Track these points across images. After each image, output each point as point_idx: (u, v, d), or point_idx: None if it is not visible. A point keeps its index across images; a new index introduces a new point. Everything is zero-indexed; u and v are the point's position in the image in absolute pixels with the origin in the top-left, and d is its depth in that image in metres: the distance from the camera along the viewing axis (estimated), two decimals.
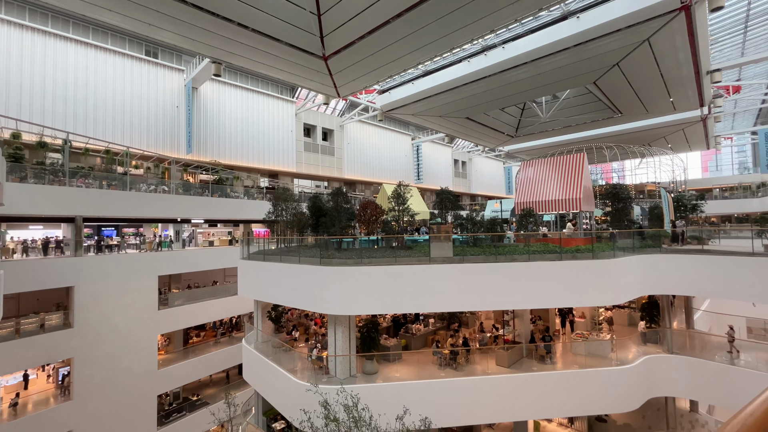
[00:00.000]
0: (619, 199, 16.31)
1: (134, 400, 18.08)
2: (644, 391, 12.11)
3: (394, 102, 25.24)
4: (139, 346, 18.42)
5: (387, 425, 8.08)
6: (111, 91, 22.26)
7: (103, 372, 17.13)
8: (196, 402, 21.43)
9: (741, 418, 0.63)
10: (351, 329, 11.72)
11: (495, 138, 35.66)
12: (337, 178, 36.30)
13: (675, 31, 15.43)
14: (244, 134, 28.77)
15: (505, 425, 14.04)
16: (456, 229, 14.81)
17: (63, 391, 16.79)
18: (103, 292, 17.32)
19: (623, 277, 11.79)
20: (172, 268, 20.65)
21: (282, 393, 12.12)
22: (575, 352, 12.96)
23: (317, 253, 11.93)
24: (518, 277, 10.93)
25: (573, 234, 14.85)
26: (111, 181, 19.18)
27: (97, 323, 17.04)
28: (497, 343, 13.56)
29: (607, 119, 29.69)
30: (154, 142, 24.03)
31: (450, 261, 11.13)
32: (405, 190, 14.14)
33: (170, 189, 21.71)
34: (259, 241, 17.82)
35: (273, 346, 14.21)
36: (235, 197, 24.93)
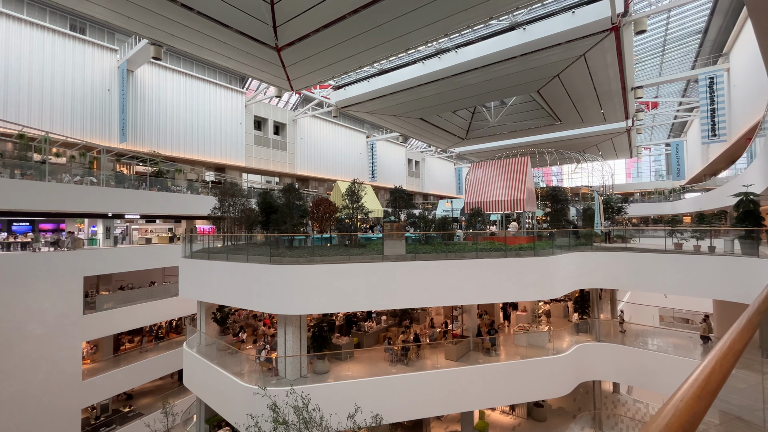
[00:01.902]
0: (557, 201, 17.65)
1: (53, 416, 16.12)
2: (576, 377, 13.25)
3: (349, 99, 25.07)
4: (59, 356, 16.43)
5: (338, 424, 8.02)
6: (26, 68, 19.60)
7: (13, 387, 15.04)
8: (128, 413, 19.63)
9: (673, 404, 0.68)
10: (302, 329, 11.46)
11: (447, 139, 36.88)
12: (289, 173, 35.27)
13: (606, 50, 17.01)
14: (187, 124, 26.86)
15: (452, 416, 14.60)
16: (409, 227, 15.07)
17: None
18: (15, 295, 15.21)
19: (561, 273, 12.77)
20: (101, 268, 18.67)
21: (227, 398, 11.54)
22: (517, 344, 13.82)
23: (267, 252, 11.49)
24: (467, 273, 11.38)
25: (517, 233, 15.80)
26: (25, 170, 16.86)
27: (5, 331, 14.93)
28: (446, 337, 14.04)
29: (548, 126, 32.02)
30: (81, 129, 21.60)
31: (403, 258, 11.29)
32: (359, 188, 14.09)
33: (100, 181, 19.62)
34: (203, 238, 16.75)
35: (218, 349, 13.46)
36: (177, 191, 23.18)
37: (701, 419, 0.70)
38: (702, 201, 29.92)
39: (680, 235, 13.62)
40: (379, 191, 45.54)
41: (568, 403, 15.95)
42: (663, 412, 0.67)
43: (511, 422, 14.69)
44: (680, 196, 37.63)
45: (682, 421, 0.65)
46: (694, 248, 12.97)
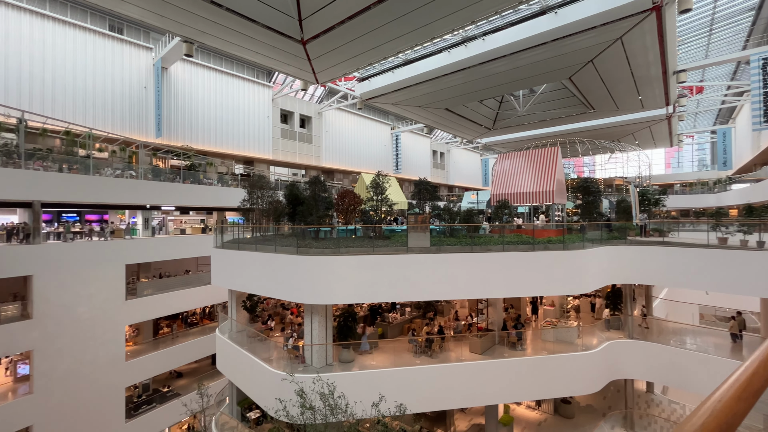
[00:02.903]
0: (589, 193, 16.95)
1: (100, 392, 17.43)
2: (606, 374, 12.83)
3: (374, 90, 24.98)
4: (104, 338, 17.68)
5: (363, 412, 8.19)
6: (71, 68, 20.82)
7: (65, 365, 16.36)
8: (167, 393, 20.91)
9: (710, 404, 0.65)
10: (328, 318, 11.71)
11: (473, 130, 36.09)
12: (315, 166, 35.76)
13: (646, 32, 15.97)
14: (218, 119, 27.74)
15: (476, 409, 14.55)
16: (433, 219, 14.98)
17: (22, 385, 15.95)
18: (65, 281, 16.43)
19: (591, 267, 12.32)
20: (141, 256, 19.82)
21: (257, 383, 12.02)
22: (544, 339, 13.52)
23: (294, 243, 11.77)
24: (493, 266, 11.21)
25: (545, 225, 15.35)
26: (72, 164, 18.05)
27: (58, 314, 16.19)
28: (471, 331, 13.94)
29: (580, 115, 30.63)
30: (120, 125, 22.78)
31: (427, 251, 11.25)
32: (384, 179, 14.10)
33: (138, 174, 20.69)
34: (233, 229, 17.37)
35: (248, 336, 14.01)
36: (209, 184, 24.10)
37: (740, 422, 0.67)
38: (752, 192, 27.82)
39: (725, 229, 12.76)
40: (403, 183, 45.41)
41: (598, 400, 15.50)
42: (699, 411, 0.64)
43: (537, 417, 14.47)
44: (726, 187, 35.13)
45: (720, 422, 0.62)
46: (741, 243, 12.13)
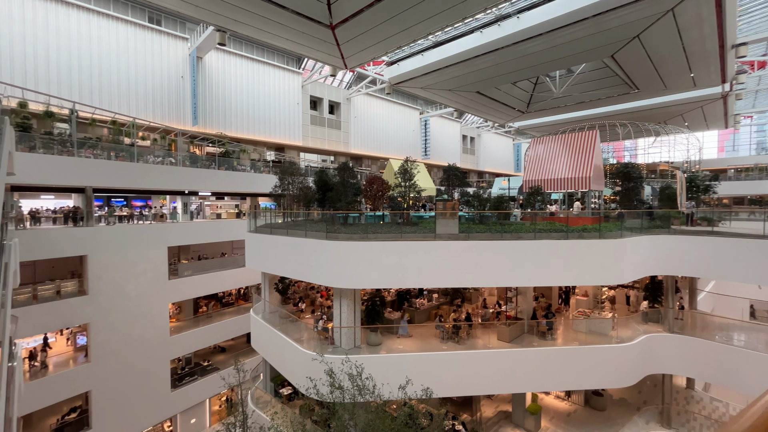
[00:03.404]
0: (630, 179, 16.01)
1: (148, 363, 18.92)
2: (642, 368, 12.35)
3: (403, 74, 24.55)
4: (151, 314, 19.06)
5: (390, 394, 8.40)
6: (115, 60, 21.91)
7: (117, 337, 17.84)
8: (207, 367, 22.38)
9: (762, 404, 0.61)
10: (356, 302, 11.97)
11: (505, 113, 34.81)
12: (344, 152, 36.00)
13: (701, 2, 14.57)
14: (249, 106, 28.41)
15: (503, 396, 14.52)
16: (462, 206, 14.76)
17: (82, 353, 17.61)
18: (115, 261, 17.76)
19: (629, 257, 11.76)
20: (181, 239, 21.00)
21: (289, 361, 12.58)
22: (576, 330, 13.16)
23: (323, 228, 12.02)
24: (523, 255, 10.95)
25: (581, 213, 14.73)
26: (119, 152, 19.23)
27: (110, 291, 17.59)
28: (499, 319, 13.80)
29: (622, 95, 28.72)
30: (160, 114, 23.86)
31: (455, 238, 11.15)
32: (412, 165, 14.00)
33: (177, 161, 21.74)
34: (266, 214, 17.96)
35: (280, 317, 14.61)
36: (242, 170, 24.94)
37: None
38: None
39: None
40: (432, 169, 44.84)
41: (632, 394, 15.01)
42: (749, 411, 0.61)
43: (566, 408, 14.25)
44: None
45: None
46: None
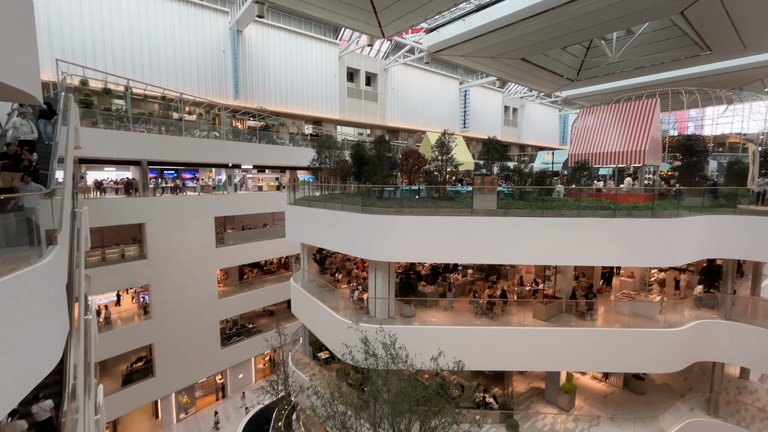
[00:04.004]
0: (692, 153, 14.53)
1: (201, 322, 20.74)
2: (691, 355, 11.72)
3: (443, 42, 23.44)
4: (201, 278, 20.66)
5: (422, 364, 8.64)
6: (162, 37, 22.73)
7: (174, 298, 19.61)
8: (252, 329, 24.14)
9: None
10: (390, 275, 12.19)
11: (553, 82, 32.46)
12: (380, 125, 35.63)
13: None
14: (288, 79, 28.63)
15: (537, 373, 14.45)
16: (501, 181, 14.25)
17: (144, 311, 19.62)
18: (169, 229, 19.22)
19: (685, 238, 10.90)
20: (227, 210, 22.23)
21: (326, 328, 13.23)
22: (619, 312, 12.62)
23: (359, 201, 12.16)
24: (565, 232, 10.49)
25: (632, 190, 13.73)
26: (168, 126, 20.34)
27: (166, 256, 19.19)
28: (536, 297, 13.51)
29: (690, 58, 25.64)
30: (204, 88, 24.71)
31: (493, 213, 10.87)
32: (450, 138, 13.57)
33: (221, 135, 22.64)
34: (304, 187, 18.44)
35: (318, 286, 15.27)
36: (281, 144, 25.55)
37: None
38: None
39: None
40: (470, 142, 43.39)
41: (677, 380, 14.36)
42: None
43: (603, 389, 13.95)
44: None
45: None
46: None
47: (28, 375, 4.26)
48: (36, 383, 4.33)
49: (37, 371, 4.42)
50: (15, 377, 3.99)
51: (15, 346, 4.03)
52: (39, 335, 4.58)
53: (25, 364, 4.19)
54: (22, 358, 4.13)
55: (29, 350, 4.30)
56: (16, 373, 4.01)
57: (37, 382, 4.35)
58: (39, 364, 4.50)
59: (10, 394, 3.91)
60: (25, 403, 5.76)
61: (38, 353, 4.50)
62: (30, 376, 4.28)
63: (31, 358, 4.35)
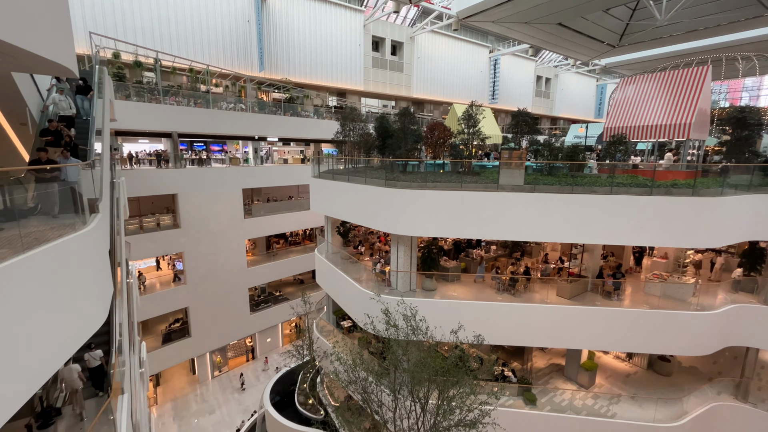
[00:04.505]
0: (745, 126, 13.36)
1: (231, 289, 21.87)
2: (723, 339, 11.31)
3: (473, 6, 22.13)
4: (231, 248, 21.57)
5: (441, 336, 8.82)
6: (188, 7, 22.68)
7: (206, 265, 20.67)
8: (279, 297, 25.25)
9: None
10: (413, 249, 12.27)
11: (592, 48, 30.24)
12: (405, 97, 34.76)
13: None
14: (312, 50, 28.15)
15: (557, 350, 14.45)
16: (530, 155, 13.73)
17: (176, 277, 20.84)
18: (200, 200, 19.99)
19: (729, 219, 10.26)
20: (253, 182, 22.78)
21: (349, 298, 13.63)
22: (648, 293, 12.24)
23: (382, 175, 12.11)
24: (596, 210, 10.10)
25: (671, 166, 12.91)
26: (197, 99, 20.68)
27: (197, 226, 20.08)
28: (560, 275, 13.28)
29: (752, 19, 23.07)
30: (230, 60, 24.74)
31: (520, 189, 10.57)
32: (477, 110, 13.08)
33: (247, 107, 22.83)
34: (328, 160, 18.52)
35: (341, 258, 15.62)
36: (306, 116, 25.53)
37: None
38: None
39: None
40: (499, 114, 41.80)
41: (705, 364, 13.98)
42: None
43: (626, 369, 13.81)
44: None
45: None
46: None
47: (81, 330, 4.68)
48: (87, 337, 4.77)
49: (87, 327, 4.85)
50: (70, 331, 4.40)
51: (69, 305, 4.41)
52: (88, 295, 4.98)
53: (77, 320, 4.60)
54: (75, 314, 4.53)
55: (81, 308, 4.70)
56: (71, 328, 4.42)
57: (89, 336, 4.79)
58: (89, 321, 4.93)
59: (67, 345, 4.34)
60: (79, 351, 6.38)
61: (88, 311, 4.92)
62: (82, 330, 4.71)
63: (83, 315, 4.76)
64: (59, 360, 4.21)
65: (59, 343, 4.15)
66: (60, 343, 4.17)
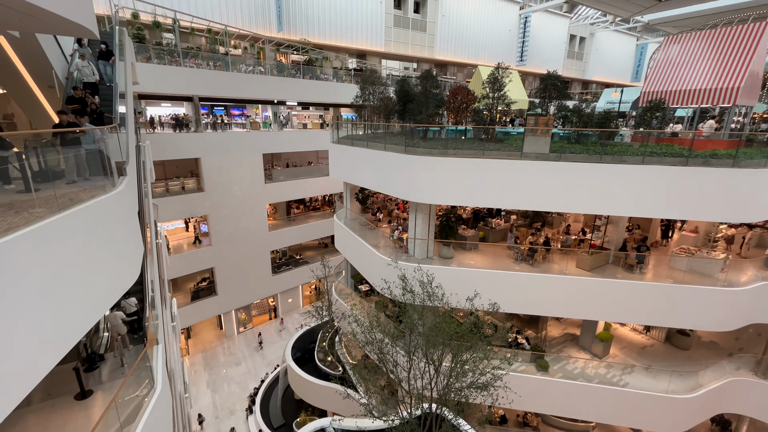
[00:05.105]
0: None
1: (254, 251, 22.68)
2: (748, 316, 11.01)
3: None
4: (253, 212, 22.13)
5: (457, 303, 8.95)
6: None
7: (229, 228, 21.38)
8: (299, 260, 26.05)
9: None
10: (431, 217, 12.23)
11: (634, 2, 27.59)
12: (428, 58, 33.24)
13: None
14: (331, 8, 26.97)
15: (573, 320, 14.50)
16: (557, 122, 13.07)
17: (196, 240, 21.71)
18: (222, 164, 20.32)
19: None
20: (273, 147, 22.86)
21: (366, 263, 13.91)
22: (673, 267, 11.91)
23: (402, 141, 11.88)
24: (625, 181, 9.65)
25: (713, 135, 12.06)
26: (216, 61, 20.44)
27: (220, 189, 20.57)
28: (581, 247, 13.04)
29: None
30: (248, 20, 24.07)
31: (545, 158, 10.18)
32: (503, 73, 12.38)
33: (266, 70, 22.46)
34: (347, 125, 18.26)
35: (360, 224, 15.79)
36: (325, 79, 24.95)
37: None
38: None
39: None
40: (526, 78, 39.65)
41: (727, 339, 13.77)
42: None
43: (642, 341, 13.78)
44: None
45: None
46: None
47: (117, 283, 5.05)
48: (123, 291, 5.15)
49: (123, 281, 5.21)
50: (108, 285, 4.74)
51: (106, 260, 4.71)
52: (121, 252, 5.28)
53: (114, 274, 4.93)
54: (112, 269, 4.86)
55: (116, 264, 5.02)
56: (109, 281, 4.76)
57: (124, 290, 5.17)
58: (124, 276, 5.28)
59: (107, 296, 4.76)
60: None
61: (122, 267, 5.24)
62: (118, 284, 5.07)
63: (118, 270, 5.10)
64: (101, 309, 4.58)
65: (99, 295, 4.50)
66: (100, 294, 4.50)
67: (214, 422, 17.63)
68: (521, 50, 37.82)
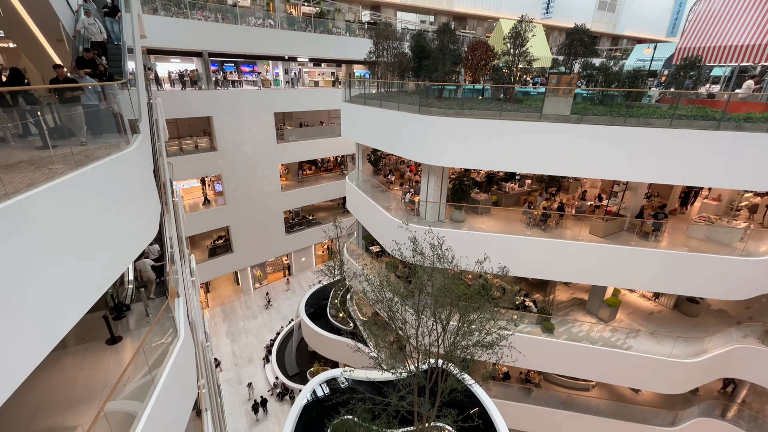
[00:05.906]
0: None
1: (267, 211, 23.06)
2: (763, 285, 10.88)
3: None
4: (265, 172, 22.21)
5: (466, 266, 9.04)
6: None
7: (243, 188, 21.63)
8: (312, 221, 26.44)
9: None
10: (444, 179, 12.08)
11: None
12: (446, 11, 31.20)
13: None
14: None
15: (582, 286, 14.60)
16: (581, 81, 12.34)
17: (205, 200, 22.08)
18: (234, 122, 20.15)
19: None
20: (285, 105, 22.43)
21: (378, 225, 14.03)
22: (690, 235, 11.67)
23: (416, 101, 11.47)
24: (650, 145, 9.22)
25: (749, 96, 11.26)
26: (225, 14, 19.60)
27: (233, 149, 20.57)
28: (596, 213, 12.81)
29: None
30: None
31: (565, 120, 9.75)
32: (527, 27, 11.55)
33: (276, 23, 21.50)
34: (360, 83, 17.66)
35: (371, 186, 15.74)
36: (337, 34, 23.82)
37: None
38: None
39: None
40: (551, 33, 37.14)
41: (737, 308, 13.74)
42: None
43: (650, 307, 13.87)
44: None
45: None
46: None
47: (139, 237, 5.28)
48: (144, 246, 5.39)
49: (143, 235, 5.44)
50: (130, 238, 4.95)
51: (124, 216, 4.87)
52: (139, 209, 5.44)
53: (133, 230, 5.12)
54: (131, 225, 5.04)
55: (134, 221, 5.19)
56: (130, 235, 4.97)
57: (146, 244, 5.43)
58: (144, 231, 5.50)
59: (132, 248, 5.07)
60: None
61: (141, 223, 5.44)
62: (139, 238, 5.31)
63: (138, 224, 5.31)
64: (125, 261, 4.87)
65: (123, 247, 4.74)
66: (123, 246, 4.74)
67: (234, 368, 18.97)
68: (548, 1, 35.03)
